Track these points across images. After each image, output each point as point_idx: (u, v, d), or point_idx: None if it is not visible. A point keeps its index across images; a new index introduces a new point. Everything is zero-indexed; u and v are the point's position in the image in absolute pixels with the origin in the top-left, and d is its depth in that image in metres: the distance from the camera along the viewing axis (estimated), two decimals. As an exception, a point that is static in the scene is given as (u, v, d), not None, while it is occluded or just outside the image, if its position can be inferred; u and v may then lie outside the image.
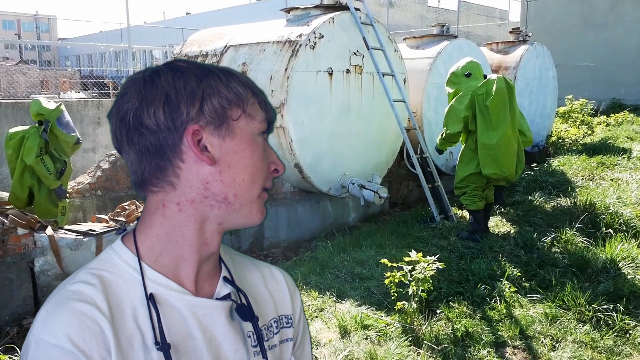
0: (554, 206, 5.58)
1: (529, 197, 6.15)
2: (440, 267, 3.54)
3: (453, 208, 6.15)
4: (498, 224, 5.44)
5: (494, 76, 4.98)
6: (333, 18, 5.93)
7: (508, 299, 3.74)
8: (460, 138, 5.19)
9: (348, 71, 6.13)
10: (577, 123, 11.88)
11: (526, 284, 3.97)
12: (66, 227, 5.08)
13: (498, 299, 3.72)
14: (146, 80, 0.84)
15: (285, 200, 6.53)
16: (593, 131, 11.43)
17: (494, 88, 4.83)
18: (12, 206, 5.43)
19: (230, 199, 0.83)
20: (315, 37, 5.78)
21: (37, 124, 5.52)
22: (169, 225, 0.85)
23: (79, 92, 17.59)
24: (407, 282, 3.52)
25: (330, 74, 5.96)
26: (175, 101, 0.81)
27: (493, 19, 35.98)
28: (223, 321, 0.87)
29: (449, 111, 5.12)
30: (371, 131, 6.56)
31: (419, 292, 3.44)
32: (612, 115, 12.46)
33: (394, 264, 3.58)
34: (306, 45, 5.70)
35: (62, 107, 5.60)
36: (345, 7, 6.25)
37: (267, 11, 27.57)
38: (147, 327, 0.81)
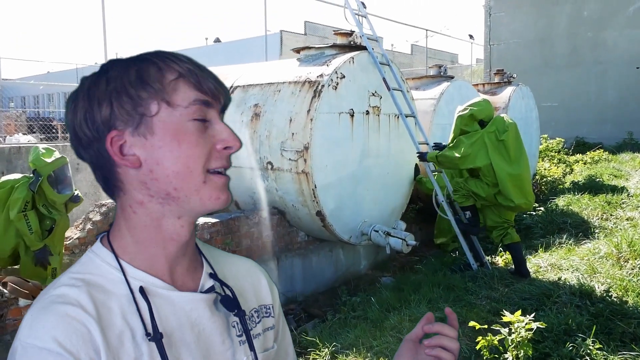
0: (591, 250, 5.40)
1: (555, 239, 5.96)
2: (542, 327, 3.18)
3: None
4: (538, 269, 5.18)
5: (498, 115, 5.21)
6: (353, 58, 5.67)
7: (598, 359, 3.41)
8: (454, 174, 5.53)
9: (367, 112, 5.84)
10: (555, 161, 12.09)
11: (607, 339, 3.67)
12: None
13: (587, 359, 3.39)
14: (76, 91, 0.85)
15: (300, 251, 6.06)
16: (572, 169, 11.64)
17: (506, 123, 5.04)
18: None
19: (173, 193, 0.83)
20: (337, 77, 5.47)
21: (32, 174, 4.85)
22: (131, 228, 0.86)
23: (25, 134, 16.53)
24: (500, 346, 3.14)
25: (352, 116, 5.65)
26: (91, 110, 0.82)
27: (443, 62, 37.37)
28: (208, 314, 0.88)
29: (457, 142, 5.24)
30: (388, 174, 6.25)
31: (522, 358, 3.06)
32: (587, 153, 12.79)
33: (484, 326, 3.20)
34: (329, 85, 5.38)
35: (64, 160, 4.94)
36: (360, 47, 6.01)
37: (225, 52, 27.39)
38: (137, 322, 0.82)
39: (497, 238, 5.29)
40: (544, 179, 10.67)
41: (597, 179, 9.66)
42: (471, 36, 18.03)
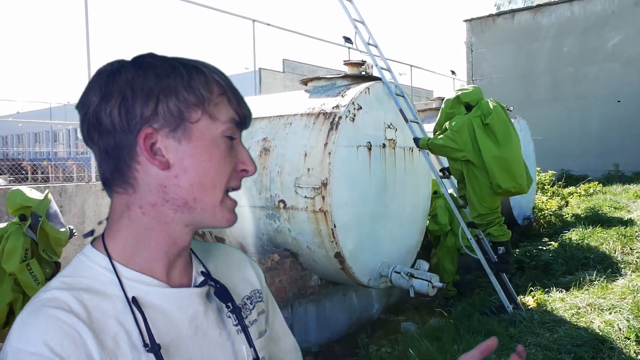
0: (629, 287, 5.07)
1: (585, 277, 5.62)
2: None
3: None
4: (579, 311, 4.81)
5: (483, 100, 5.13)
6: (369, 88, 5.36)
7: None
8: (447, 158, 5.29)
9: (384, 145, 5.50)
10: (549, 194, 11.97)
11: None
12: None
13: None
14: (109, 75, 0.83)
15: (313, 296, 5.56)
16: (567, 203, 11.51)
17: (490, 107, 4.97)
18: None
19: (190, 203, 0.83)
20: (354, 109, 5.14)
21: (18, 220, 4.30)
22: (135, 229, 0.85)
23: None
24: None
25: (369, 149, 5.30)
26: (131, 101, 0.80)
27: (419, 98, 37.91)
28: (203, 307, 0.89)
29: (444, 128, 5.18)
30: (404, 211, 5.87)
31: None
32: (580, 185, 12.73)
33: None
34: (346, 117, 5.03)
35: (50, 195, 4.45)
36: (371, 77, 5.73)
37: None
38: (132, 324, 0.81)
39: (480, 223, 5.12)
40: (542, 212, 10.50)
41: (598, 211, 9.50)
42: (453, 72, 18.17)
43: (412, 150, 5.96)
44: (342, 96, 5.25)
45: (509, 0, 30.49)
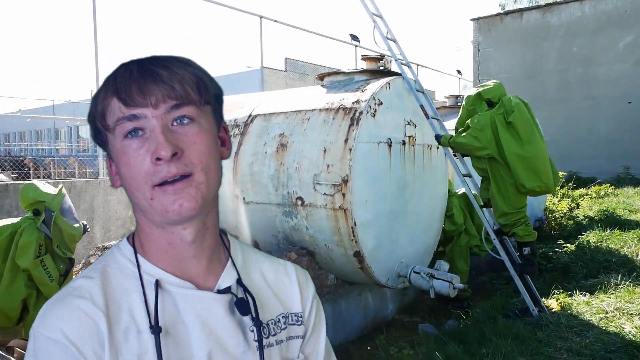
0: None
1: (609, 280, 5.47)
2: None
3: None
4: (607, 316, 4.66)
5: (506, 96, 4.97)
6: (389, 83, 5.21)
7: None
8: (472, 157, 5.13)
9: (404, 142, 5.35)
10: (559, 196, 11.81)
11: None
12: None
13: None
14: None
15: (330, 296, 5.41)
16: (578, 205, 11.35)
17: (512, 103, 4.81)
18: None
19: (138, 206, 0.86)
20: (375, 104, 4.99)
21: (32, 215, 4.16)
22: (141, 228, 0.90)
23: (-4, 172, 15.60)
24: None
25: (390, 146, 5.15)
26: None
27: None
28: (222, 314, 0.88)
29: (465, 126, 5.02)
30: (423, 210, 5.73)
31: None
32: (591, 187, 12.58)
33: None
34: (367, 112, 4.88)
35: (64, 190, 4.30)
36: (390, 73, 5.58)
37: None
38: (144, 318, 0.83)
39: (505, 224, 4.94)
40: (553, 214, 10.34)
41: (612, 214, 9.34)
42: (459, 71, 18.03)
43: (431, 148, 5.82)
44: (362, 91, 5.10)
45: (514, 0, 30.35)
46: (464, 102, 5.29)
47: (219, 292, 0.89)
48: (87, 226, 4.50)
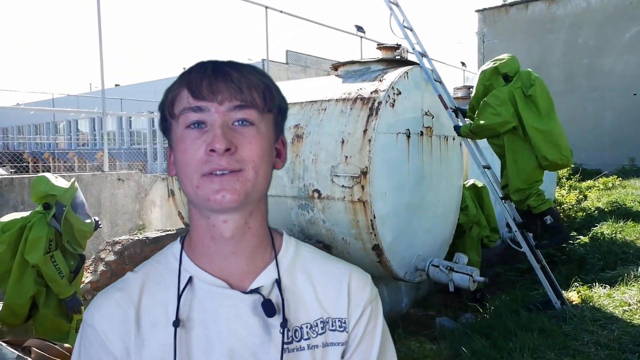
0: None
1: (630, 272, 5.39)
2: None
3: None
4: (631, 308, 4.58)
5: (523, 70, 4.89)
6: (407, 72, 5.10)
7: None
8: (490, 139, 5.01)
9: (422, 133, 5.25)
10: (566, 188, 11.74)
11: None
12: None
13: None
14: None
15: (346, 290, 5.32)
16: (586, 197, 11.28)
17: (532, 77, 4.78)
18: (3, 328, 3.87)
19: (186, 193, 0.90)
20: (394, 94, 4.88)
21: (42, 208, 4.04)
22: (191, 224, 0.95)
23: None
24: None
25: (408, 137, 5.04)
26: None
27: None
28: (248, 314, 0.89)
29: (482, 106, 4.86)
30: (439, 202, 5.63)
31: None
32: (598, 179, 12.51)
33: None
34: (386, 102, 4.77)
35: (76, 184, 4.19)
36: (407, 62, 5.46)
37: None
38: (173, 311, 0.89)
39: (517, 197, 4.86)
40: (561, 206, 10.27)
41: (622, 205, 9.27)
42: (463, 63, 17.90)
43: (447, 140, 5.72)
44: (380, 80, 4.99)
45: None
46: (478, 78, 5.15)
47: (249, 292, 0.90)
48: (100, 222, 4.39)
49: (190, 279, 0.91)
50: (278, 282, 0.93)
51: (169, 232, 5.91)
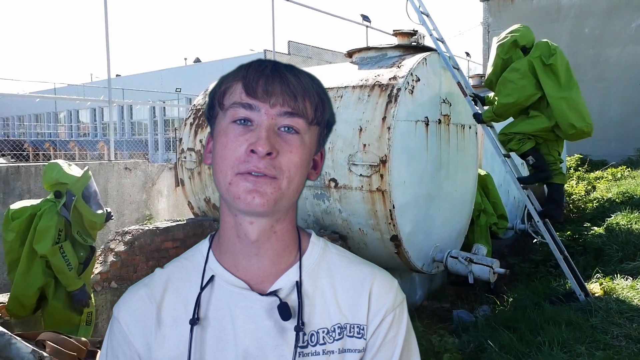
0: None
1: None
2: None
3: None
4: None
5: (539, 40, 4.87)
6: (425, 59, 4.96)
7: None
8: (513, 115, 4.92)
9: (440, 121, 5.12)
10: (575, 179, 11.64)
11: None
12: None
13: None
14: None
15: (362, 282, 5.21)
16: (594, 187, 11.17)
17: (551, 46, 4.72)
18: (10, 320, 3.76)
19: (219, 187, 0.88)
20: (413, 80, 4.74)
21: (53, 197, 3.91)
22: (221, 223, 0.93)
23: None
24: None
25: (427, 125, 4.91)
26: None
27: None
28: (263, 316, 0.89)
29: (501, 82, 4.78)
30: (456, 191, 5.51)
31: None
32: (607, 169, 12.40)
33: None
34: (405, 89, 4.64)
35: (90, 172, 4.05)
36: (424, 48, 5.32)
37: (206, 72, 26.46)
38: (192, 308, 0.89)
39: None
40: (571, 197, 10.17)
41: (633, 196, 9.16)
42: (468, 54, 17.72)
43: (464, 128, 5.59)
44: (398, 67, 4.85)
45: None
46: (496, 52, 5.03)
47: (267, 294, 0.90)
48: (112, 214, 4.26)
49: (212, 278, 0.91)
50: (298, 285, 0.91)
51: (179, 222, 5.79)
